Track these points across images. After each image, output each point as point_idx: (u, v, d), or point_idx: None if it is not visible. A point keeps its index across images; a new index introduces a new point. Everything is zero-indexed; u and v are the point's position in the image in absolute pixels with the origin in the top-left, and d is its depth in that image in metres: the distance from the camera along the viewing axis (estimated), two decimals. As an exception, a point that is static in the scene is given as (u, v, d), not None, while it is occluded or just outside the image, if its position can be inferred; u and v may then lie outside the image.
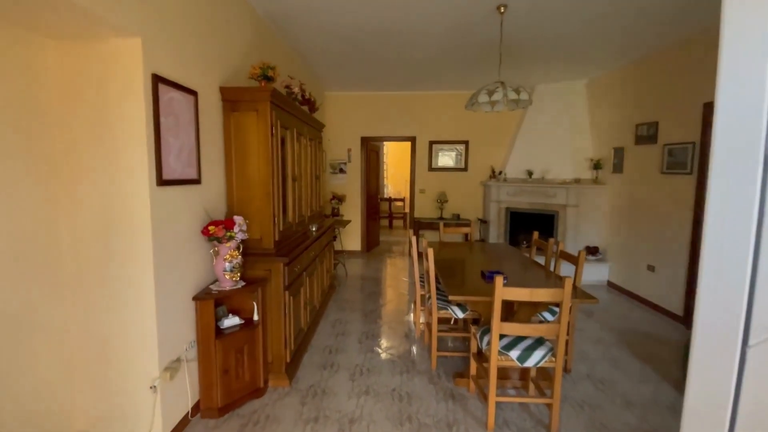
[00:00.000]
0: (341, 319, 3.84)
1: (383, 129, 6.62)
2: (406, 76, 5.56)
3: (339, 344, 3.27)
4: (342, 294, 4.64)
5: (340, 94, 6.58)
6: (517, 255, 3.65)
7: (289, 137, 2.99)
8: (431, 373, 2.82)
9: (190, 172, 2.18)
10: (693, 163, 3.78)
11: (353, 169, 6.68)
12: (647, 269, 4.44)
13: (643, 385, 2.71)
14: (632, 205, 4.75)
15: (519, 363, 2.16)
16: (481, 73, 5.29)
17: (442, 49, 4.30)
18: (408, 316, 3.95)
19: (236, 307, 2.48)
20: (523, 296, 2.07)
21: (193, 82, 2.20)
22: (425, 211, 6.74)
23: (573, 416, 2.35)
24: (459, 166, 6.63)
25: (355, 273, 5.60)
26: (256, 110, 2.48)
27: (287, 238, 2.95)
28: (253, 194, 2.56)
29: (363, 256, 6.68)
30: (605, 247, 5.38)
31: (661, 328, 3.76)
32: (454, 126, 6.57)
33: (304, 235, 3.39)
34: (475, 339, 2.46)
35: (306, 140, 3.56)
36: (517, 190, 5.99)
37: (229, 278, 2.27)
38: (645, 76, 4.51)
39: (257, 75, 2.53)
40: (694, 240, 3.75)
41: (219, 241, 2.23)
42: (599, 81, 5.50)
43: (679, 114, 3.97)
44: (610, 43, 4.14)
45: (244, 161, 2.54)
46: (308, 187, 3.70)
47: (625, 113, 4.89)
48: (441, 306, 2.89)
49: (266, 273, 2.54)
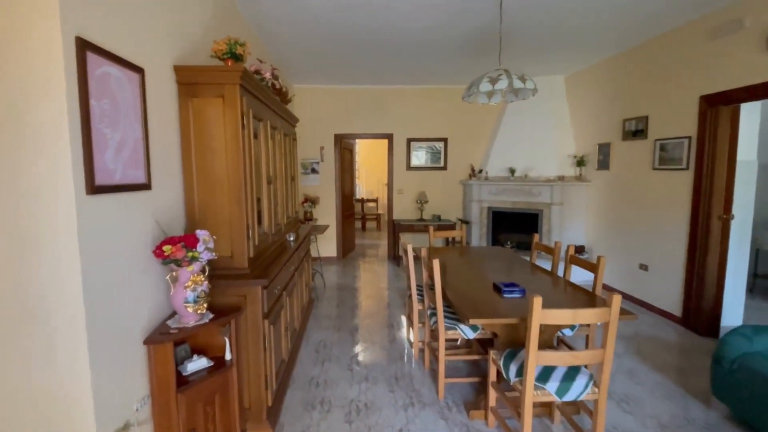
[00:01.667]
0: (325, 340, 3.36)
1: (358, 126, 6.17)
2: (384, 69, 5.15)
3: (326, 374, 2.80)
4: (322, 309, 4.15)
5: (311, 88, 6.05)
6: (517, 259, 3.35)
7: (262, 131, 2.49)
8: (440, 405, 2.43)
9: (135, 174, 1.64)
10: (689, 158, 3.65)
11: (327, 169, 6.18)
12: (639, 268, 4.31)
13: (670, 403, 2.47)
14: (621, 202, 4.63)
15: (558, 398, 1.81)
16: (463, 65, 5.00)
17: (426, 38, 3.93)
18: (400, 333, 3.54)
19: (203, 345, 1.95)
20: (566, 319, 1.72)
21: (137, 55, 1.66)
22: (404, 213, 6.37)
23: (609, 450, 2.05)
24: (438, 164, 6.31)
25: (333, 283, 5.11)
26: (222, 96, 1.97)
27: (263, 252, 2.44)
28: (220, 201, 2.05)
29: (339, 263, 6.20)
30: (591, 246, 5.26)
31: (663, 331, 3.60)
32: (432, 122, 6.24)
33: (281, 247, 2.89)
34: (496, 365, 2.09)
35: (280, 135, 3.06)
36: (500, 189, 5.76)
37: (193, 311, 1.75)
38: (632, 68, 4.38)
39: (222, 52, 2.01)
40: (691, 237, 3.63)
41: (178, 264, 1.70)
42: (579, 76, 5.37)
43: (671, 108, 3.84)
44: (600, 34, 3.96)
45: (208, 159, 2.01)
46: (284, 190, 3.20)
47: (610, 108, 4.76)
48: (447, 325, 2.50)
49: (240, 300, 2.04)
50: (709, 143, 3.45)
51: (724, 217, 3.46)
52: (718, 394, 2.31)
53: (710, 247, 3.51)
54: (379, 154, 9.57)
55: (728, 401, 2.25)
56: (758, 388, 2.05)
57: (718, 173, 3.45)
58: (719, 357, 2.31)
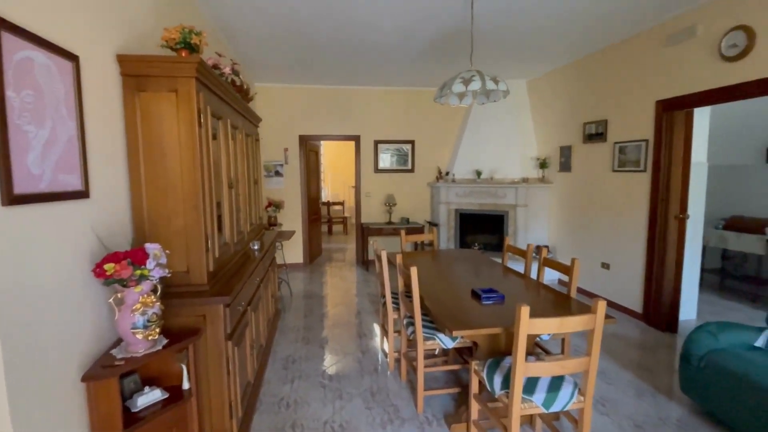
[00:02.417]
0: (293, 355, 3.15)
1: (324, 127, 5.97)
2: (351, 69, 5.00)
3: (297, 393, 2.60)
4: (289, 320, 3.92)
5: (274, 87, 5.77)
6: (488, 262, 3.32)
7: (221, 130, 2.26)
8: (419, 420, 2.31)
9: (68, 180, 1.39)
10: (646, 160, 3.80)
11: (291, 172, 5.92)
12: (602, 267, 4.45)
13: (642, 402, 2.50)
14: (583, 203, 4.76)
15: (545, 409, 1.75)
16: (430, 68, 4.96)
17: (396, 37, 3.83)
18: (373, 342, 3.39)
19: (156, 375, 1.71)
20: (553, 328, 1.66)
21: (71, 40, 1.41)
22: (372, 216, 6.24)
23: (592, 456, 2.02)
24: (406, 167, 6.24)
25: (300, 291, 4.88)
26: (175, 90, 1.74)
27: (225, 265, 2.22)
28: (174, 208, 1.81)
29: (306, 269, 5.95)
30: (555, 246, 5.39)
31: (627, 327, 3.71)
32: (399, 125, 6.16)
33: (245, 257, 2.66)
34: (479, 376, 2.01)
35: (242, 135, 2.83)
36: (467, 191, 5.78)
37: (143, 337, 1.51)
38: (592, 74, 4.52)
39: (175, 42, 1.79)
40: (650, 236, 3.77)
41: (123, 285, 1.46)
42: (541, 80, 5.51)
43: (629, 112, 3.99)
44: (561, 40, 4.05)
45: (159, 162, 1.78)
46: (247, 195, 2.96)
47: (571, 112, 4.89)
48: (425, 334, 2.39)
49: (199, 320, 1.81)
50: (665, 146, 3.60)
51: (680, 216, 3.62)
52: (687, 390, 2.37)
53: (668, 245, 3.66)
54: (346, 156, 9.39)
55: (697, 398, 2.31)
56: (726, 384, 2.11)
57: (674, 175, 3.60)
58: (687, 355, 2.37)
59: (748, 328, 2.32)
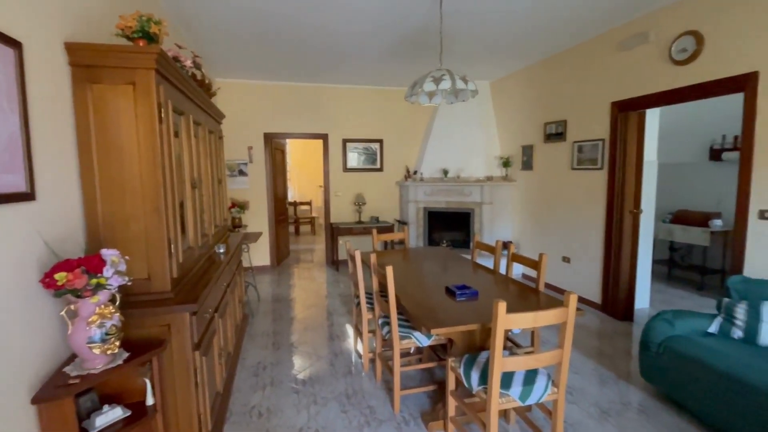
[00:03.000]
0: (264, 361, 3.04)
1: (291, 125, 5.82)
2: (318, 66, 4.90)
3: (269, 401, 2.51)
4: (258, 325, 3.78)
5: (237, 82, 5.55)
6: (458, 258, 3.37)
7: (184, 126, 2.13)
8: (396, 420, 2.30)
9: (10, 180, 1.24)
10: (603, 158, 4.00)
11: (256, 171, 5.72)
12: (563, 261, 4.64)
13: (606, 388, 2.63)
14: (544, 200, 4.95)
15: (521, 402, 1.78)
16: (398, 67, 4.96)
17: (364, 35, 3.79)
18: (346, 344, 3.34)
19: (117, 391, 1.58)
20: (528, 322, 1.69)
21: (12, 25, 1.26)
22: (342, 216, 6.16)
23: (564, 444, 2.09)
24: (374, 166, 6.21)
25: (268, 294, 4.73)
26: (132, 83, 1.61)
27: (189, 270, 2.09)
28: (133, 211, 1.68)
29: (274, 272, 5.78)
30: (518, 242, 5.57)
31: (588, 318, 3.89)
32: (367, 123, 6.13)
33: (210, 261, 2.53)
34: (455, 373, 2.02)
35: (205, 132, 2.69)
36: (434, 190, 5.85)
37: (101, 352, 1.39)
38: (552, 75, 4.70)
39: (132, 30, 1.66)
40: (607, 231, 3.97)
41: (77, 296, 1.33)
42: (503, 81, 5.67)
43: (587, 112, 4.18)
44: (522, 43, 4.18)
45: (115, 160, 1.64)
46: (211, 196, 2.82)
47: (533, 112, 5.07)
48: (401, 334, 2.38)
49: (163, 330, 1.69)
50: (620, 145, 3.81)
51: (634, 211, 3.84)
52: (647, 376, 2.51)
53: (623, 239, 3.88)
54: (313, 154, 9.23)
55: (656, 382, 2.45)
56: (683, 369, 2.25)
57: (628, 172, 3.82)
58: (646, 342, 2.51)
59: (702, 315, 2.49)
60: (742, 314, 2.32)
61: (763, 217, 2.62)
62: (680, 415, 2.32)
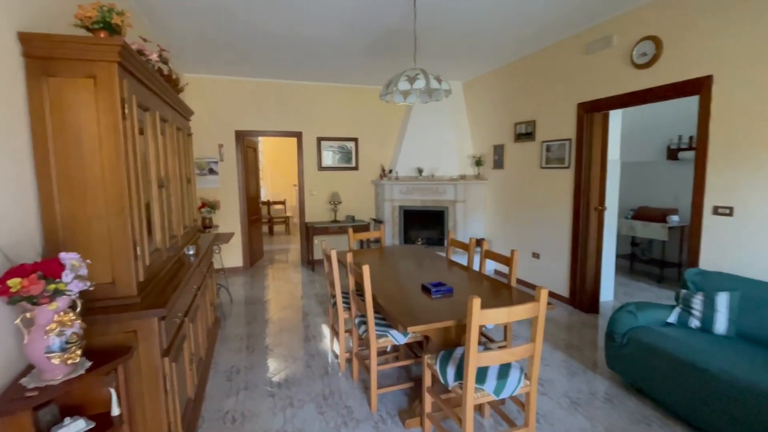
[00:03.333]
0: (237, 365, 2.96)
1: (263, 122, 5.69)
2: (291, 63, 4.82)
3: (243, 405, 2.45)
4: (231, 328, 3.68)
5: (206, 78, 5.37)
6: (433, 256, 3.41)
7: (149, 123, 2.04)
8: (374, 419, 2.30)
9: (-47, 180, 1.15)
10: (570, 157, 4.15)
11: (228, 169, 5.56)
12: (533, 257, 4.79)
13: (575, 379, 2.73)
14: (515, 198, 5.08)
15: (495, 396, 1.82)
16: (373, 66, 4.95)
17: (338, 32, 3.76)
18: (323, 344, 3.31)
19: (80, 402, 1.50)
20: (502, 318, 1.73)
21: (-52, 9, 1.16)
22: (317, 215, 6.09)
23: (536, 435, 2.16)
24: (350, 164, 6.18)
25: (241, 297, 4.61)
26: (93, 76, 1.52)
27: (157, 273, 2.01)
28: (95, 212, 1.59)
29: (247, 273, 5.65)
30: (490, 239, 5.69)
31: (557, 311, 4.03)
32: (342, 122, 6.08)
33: (179, 263, 2.44)
34: (432, 370, 2.04)
35: (173, 129, 2.58)
36: (410, 188, 5.90)
37: (61, 362, 1.31)
38: (521, 77, 4.82)
39: (92, 21, 1.57)
40: (574, 227, 4.13)
41: (33, 303, 1.25)
42: (475, 82, 5.77)
43: (555, 113, 4.32)
44: (493, 45, 4.27)
45: (74, 158, 1.55)
46: (179, 195, 2.72)
47: (503, 112, 5.19)
48: (378, 332, 2.38)
49: (129, 337, 1.61)
50: (586, 145, 3.96)
51: (599, 208, 4.01)
52: (613, 365, 2.63)
53: (590, 235, 4.04)
54: (287, 153, 9.06)
55: (621, 371, 2.57)
56: (645, 358, 2.37)
57: (593, 171, 3.98)
58: (611, 333, 2.62)
59: (662, 306, 2.63)
60: (699, 305, 2.47)
61: (717, 213, 2.79)
62: (643, 402, 2.44)
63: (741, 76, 2.61)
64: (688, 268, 2.76)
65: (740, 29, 2.61)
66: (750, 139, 2.59)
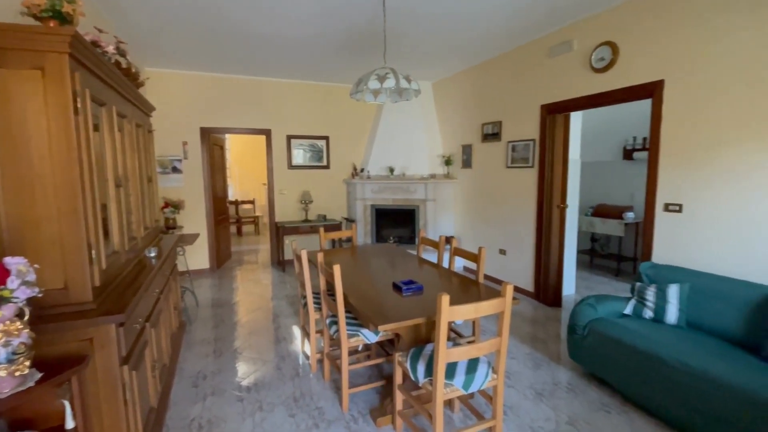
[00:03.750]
0: (204, 370, 2.87)
1: (230, 119, 5.52)
2: (260, 59, 4.70)
3: (210, 411, 2.37)
4: (197, 332, 3.55)
5: (170, 72, 5.14)
6: (405, 254, 3.44)
7: (106, 119, 1.94)
8: (345, 419, 2.29)
9: None
10: (534, 157, 4.30)
11: (192, 168, 5.36)
12: (499, 253, 4.93)
13: (540, 371, 2.84)
14: (483, 196, 5.21)
15: (464, 391, 1.86)
16: (343, 64, 4.92)
17: (308, 29, 3.70)
18: (293, 346, 3.26)
19: (30, 416, 1.40)
20: (470, 314, 1.77)
21: None
22: (287, 214, 5.99)
23: (503, 427, 2.22)
24: (321, 163, 6.12)
25: (207, 299, 4.46)
26: (41, 68, 1.42)
27: (115, 277, 1.91)
28: (45, 213, 1.49)
29: (214, 275, 5.47)
30: (460, 236, 5.81)
31: (522, 305, 4.17)
32: (313, 120, 6.01)
33: (140, 266, 2.33)
34: (402, 367, 2.06)
35: (131, 126, 2.46)
36: (381, 187, 5.91)
37: (7, 374, 1.22)
38: (488, 78, 4.94)
39: (40, 9, 1.47)
40: (538, 224, 4.28)
41: (-27, 312, 1.16)
42: (444, 83, 5.86)
43: (520, 114, 4.46)
44: (461, 47, 4.36)
45: (20, 156, 1.44)
46: (139, 195, 2.59)
47: (471, 113, 5.30)
48: (349, 332, 2.38)
49: (84, 345, 1.52)
50: (548, 145, 4.12)
51: (561, 206, 4.18)
52: (574, 356, 2.75)
53: (552, 231, 4.21)
54: (255, 150, 8.84)
55: (582, 362, 2.70)
56: (604, 348, 2.50)
57: (556, 170, 4.14)
58: (573, 325, 2.75)
59: (619, 298, 2.78)
60: (652, 296, 2.63)
61: (668, 210, 2.98)
62: (603, 390, 2.57)
63: (689, 81, 2.80)
64: (642, 262, 2.93)
65: (688, 36, 2.79)
66: (697, 141, 2.78)
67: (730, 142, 2.60)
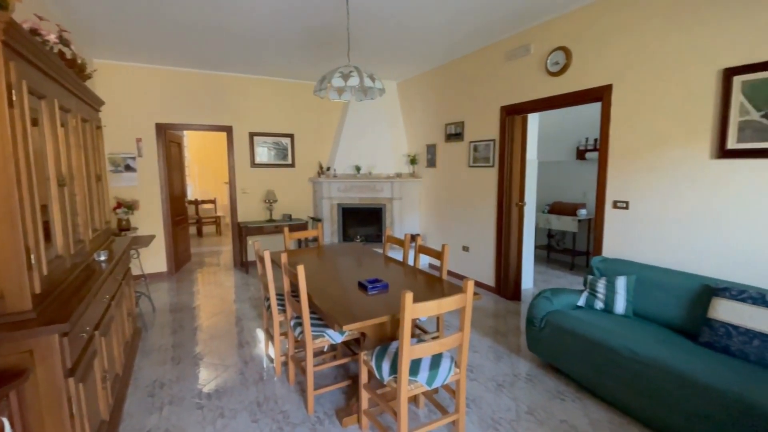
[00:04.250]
0: (161, 378, 2.74)
1: (188, 115, 5.28)
2: (220, 53, 4.53)
3: (168, 421, 2.27)
4: (153, 340, 3.39)
5: (122, 65, 4.84)
6: (371, 253, 3.45)
7: (46, 113, 1.80)
8: (311, 421, 2.27)
9: None
10: (494, 157, 4.44)
11: (147, 166, 5.09)
12: (463, 250, 5.05)
13: (501, 363, 2.94)
14: (446, 195, 5.32)
15: (428, 386, 1.90)
16: (308, 61, 4.84)
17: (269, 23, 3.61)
18: (257, 350, 3.18)
19: (-47, 440, 1.28)
20: (433, 310, 1.80)
21: None
22: (251, 214, 5.82)
23: (466, 419, 2.28)
24: (286, 161, 6.00)
25: (165, 304, 4.26)
26: (-34, 57, 1.30)
27: (59, 284, 1.78)
28: (-26, 216, 1.37)
29: (172, 279, 5.23)
30: (425, 234, 5.90)
31: (484, 300, 4.30)
32: (277, 117, 5.87)
33: (88, 270, 2.19)
34: (368, 366, 2.06)
35: (77, 121, 2.30)
36: (348, 186, 5.89)
37: (-71, 394, 1.11)
38: (451, 80, 5.04)
39: (-37, -9, 1.33)
40: (498, 221, 4.42)
41: None
42: (409, 83, 5.92)
43: (481, 115, 4.59)
44: (424, 47, 4.42)
45: (-57, 154, 1.31)
46: (86, 195, 2.43)
47: (435, 113, 5.39)
48: (314, 333, 2.35)
49: (23, 358, 1.41)
50: (508, 145, 4.26)
51: (519, 204, 4.34)
52: (533, 348, 2.88)
53: (512, 228, 4.36)
54: (216, 148, 8.53)
55: (540, 353, 2.82)
56: (558, 339, 2.63)
57: (515, 169, 4.29)
58: (531, 318, 2.87)
59: (573, 291, 2.93)
60: (602, 288, 2.79)
61: (616, 207, 3.17)
62: (559, 379, 2.70)
63: (633, 86, 2.99)
64: (594, 256, 3.11)
65: (633, 42, 2.98)
66: (640, 142, 2.98)
67: (668, 143, 2.81)
